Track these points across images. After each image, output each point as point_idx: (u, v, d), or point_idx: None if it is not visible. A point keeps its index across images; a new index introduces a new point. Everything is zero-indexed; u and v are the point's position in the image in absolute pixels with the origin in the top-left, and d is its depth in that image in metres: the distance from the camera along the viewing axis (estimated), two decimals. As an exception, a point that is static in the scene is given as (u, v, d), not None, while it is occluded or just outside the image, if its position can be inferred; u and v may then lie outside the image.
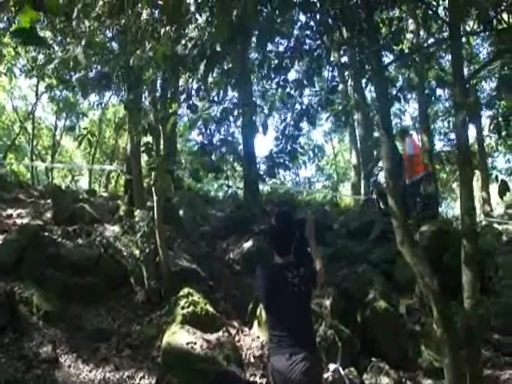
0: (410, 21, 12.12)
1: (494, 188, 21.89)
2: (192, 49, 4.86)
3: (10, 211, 10.86)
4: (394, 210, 4.96)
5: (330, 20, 5.82)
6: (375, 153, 11.74)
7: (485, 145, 22.52)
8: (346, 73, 15.90)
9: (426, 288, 4.70)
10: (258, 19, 5.15)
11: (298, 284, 4.02)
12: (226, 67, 5.95)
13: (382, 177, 12.04)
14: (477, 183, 22.63)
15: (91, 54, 6.54)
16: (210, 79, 5.79)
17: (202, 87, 5.55)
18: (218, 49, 4.82)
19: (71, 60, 4.79)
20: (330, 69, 7.00)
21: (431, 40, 9.00)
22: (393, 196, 4.99)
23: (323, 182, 37.59)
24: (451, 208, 29.13)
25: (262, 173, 6.15)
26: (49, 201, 11.58)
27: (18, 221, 10.13)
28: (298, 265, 4.12)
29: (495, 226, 14.90)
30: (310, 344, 4.13)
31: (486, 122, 19.58)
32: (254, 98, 7.66)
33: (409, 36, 12.58)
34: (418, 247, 4.96)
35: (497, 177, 5.15)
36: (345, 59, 8.79)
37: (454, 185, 27.38)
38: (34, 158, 25.35)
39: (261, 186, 15.14)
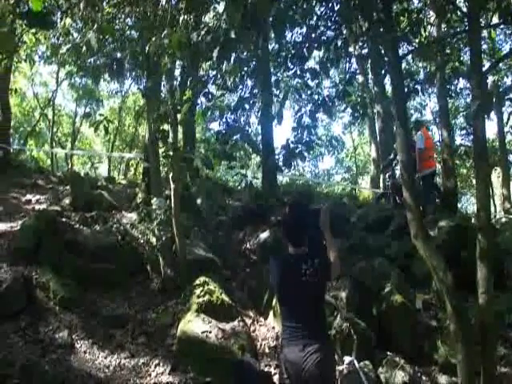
0: (431, 13, 11.94)
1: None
2: (205, 35, 4.81)
3: (28, 197, 10.97)
4: (408, 202, 4.89)
5: (347, 10, 5.73)
6: (395, 146, 11.53)
7: (506, 141, 22.16)
8: (367, 65, 15.80)
9: (440, 283, 4.63)
10: (270, 8, 5.07)
11: (312, 275, 3.97)
12: (242, 55, 5.88)
13: (397, 171, 11.95)
14: (498, 180, 22.42)
15: (108, 40, 6.52)
16: (226, 67, 5.73)
17: (218, 75, 5.51)
18: (233, 36, 4.75)
19: (84, 45, 4.75)
20: (348, 60, 6.92)
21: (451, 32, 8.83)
22: (408, 188, 4.92)
23: (342, 175, 37.39)
24: (471, 204, 28.89)
25: (279, 163, 6.08)
26: (67, 187, 11.66)
27: (37, 206, 10.22)
28: (313, 256, 4.06)
29: (514, 223, 14.75)
30: (324, 335, 4.11)
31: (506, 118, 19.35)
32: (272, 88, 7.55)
33: (430, 28, 12.36)
34: (432, 241, 4.88)
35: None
36: (364, 51, 8.65)
37: (474, 180, 27.06)
38: (54, 144, 25.50)
39: (280, 177, 15.08)
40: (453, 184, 13.01)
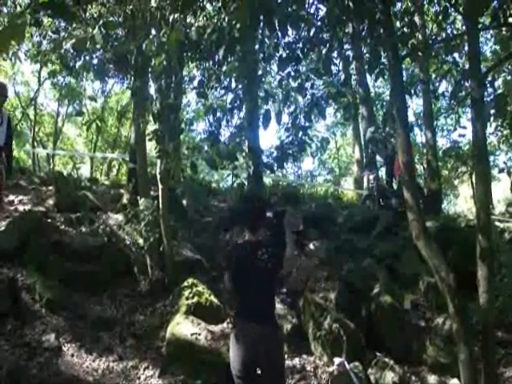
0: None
1: (495, 186, 21.89)
2: (211, 34, 4.78)
3: (11, 197, 10.80)
4: (409, 202, 4.90)
5: (345, 11, 5.71)
6: (388, 146, 11.48)
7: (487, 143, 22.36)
8: (351, 66, 15.85)
9: (442, 282, 4.64)
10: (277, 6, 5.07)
11: (266, 261, 4.30)
12: (238, 55, 5.85)
13: (382, 173, 11.97)
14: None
15: (112, 36, 6.49)
16: (226, 67, 5.71)
17: (214, 76, 5.48)
18: (237, 35, 4.74)
19: (88, 40, 4.72)
20: (341, 61, 6.91)
21: (443, 35, 8.88)
22: (409, 189, 4.93)
23: (325, 176, 37.45)
24: (453, 205, 29.17)
25: (271, 163, 6.07)
26: (50, 188, 11.51)
27: (20, 207, 10.06)
28: (269, 245, 4.42)
29: (497, 223, 14.86)
30: (273, 320, 4.47)
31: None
32: (267, 88, 7.51)
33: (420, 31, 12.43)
34: (433, 241, 4.90)
35: (509, 172, 5.08)
36: (349, 53, 8.63)
37: (456, 182, 27.38)
38: (36, 144, 25.27)
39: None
40: (437, 185, 13.12)
